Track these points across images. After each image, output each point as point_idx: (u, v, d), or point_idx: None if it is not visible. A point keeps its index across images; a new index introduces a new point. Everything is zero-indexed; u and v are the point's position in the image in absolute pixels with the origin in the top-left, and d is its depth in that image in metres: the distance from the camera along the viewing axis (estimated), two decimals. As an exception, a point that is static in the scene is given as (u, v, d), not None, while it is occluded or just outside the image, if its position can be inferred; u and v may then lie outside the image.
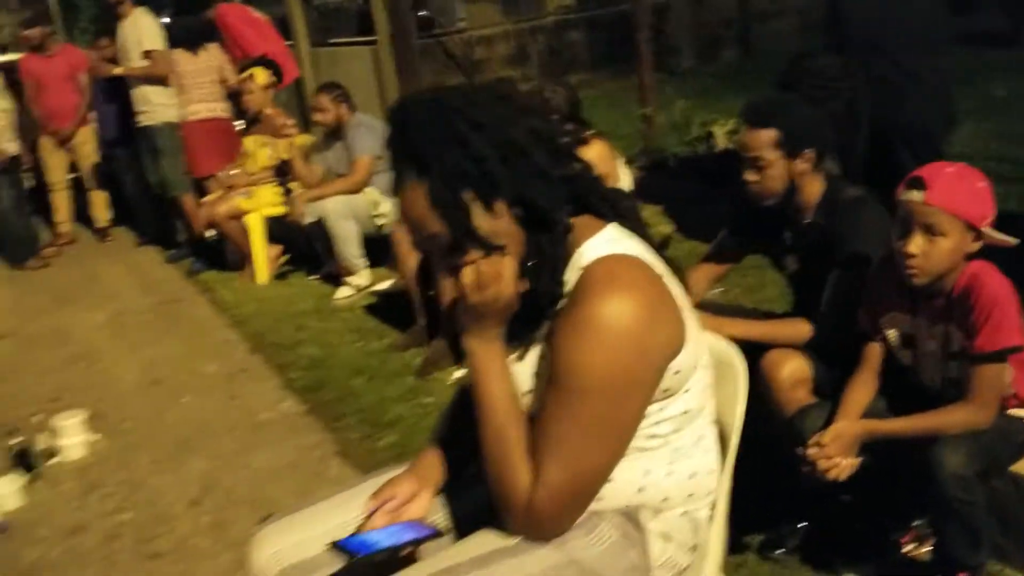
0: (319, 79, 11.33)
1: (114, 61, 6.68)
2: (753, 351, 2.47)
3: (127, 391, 4.52)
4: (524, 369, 1.52)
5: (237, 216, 5.91)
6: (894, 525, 2.42)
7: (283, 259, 6.10)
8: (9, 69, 7.72)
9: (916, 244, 2.08)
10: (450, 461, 1.73)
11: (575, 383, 1.42)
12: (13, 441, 3.60)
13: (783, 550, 2.51)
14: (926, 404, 2.18)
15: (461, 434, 1.70)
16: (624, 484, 1.53)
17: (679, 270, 1.58)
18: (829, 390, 2.38)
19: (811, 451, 2.14)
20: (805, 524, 2.52)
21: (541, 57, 10.46)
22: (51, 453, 3.77)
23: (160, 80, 6.35)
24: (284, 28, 11.79)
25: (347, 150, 5.47)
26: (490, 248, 1.43)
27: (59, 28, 15.08)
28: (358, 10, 10.95)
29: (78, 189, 8.07)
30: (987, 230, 2.07)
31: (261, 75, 5.58)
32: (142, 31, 6.30)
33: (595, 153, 3.75)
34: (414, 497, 1.67)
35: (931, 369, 2.24)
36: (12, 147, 7.18)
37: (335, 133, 5.54)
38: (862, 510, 2.45)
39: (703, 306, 2.73)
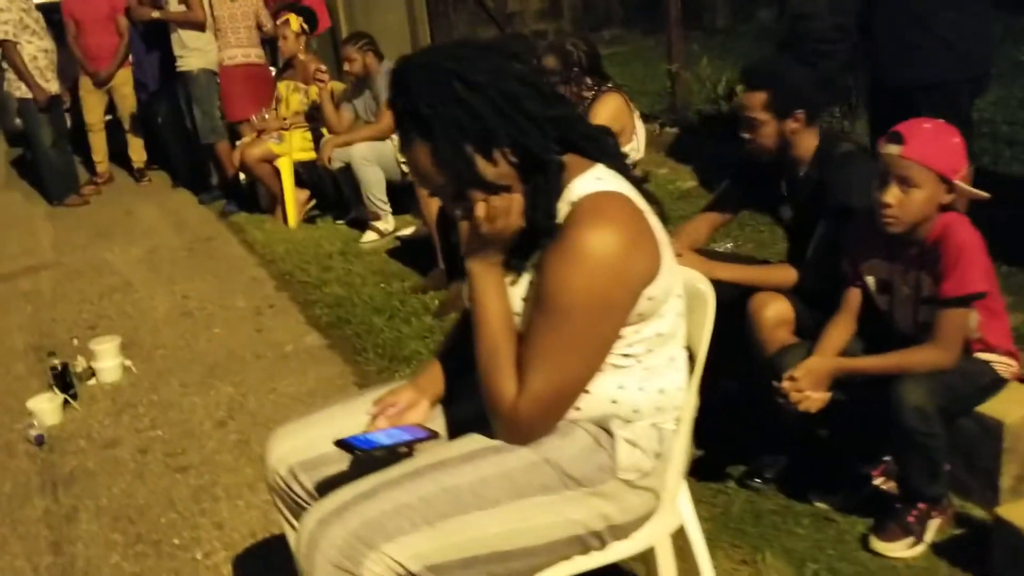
0: (353, 26, 11.45)
1: (157, 5, 6.87)
2: (743, 295, 2.67)
3: (160, 321, 4.76)
4: (516, 293, 1.70)
5: (269, 160, 6.11)
6: (865, 460, 2.58)
7: (312, 203, 6.30)
8: (51, 9, 7.92)
9: (892, 194, 2.23)
10: (448, 374, 1.92)
11: (559, 303, 1.59)
12: (53, 362, 3.83)
13: (761, 480, 2.69)
14: (900, 347, 2.33)
15: (460, 352, 1.88)
16: (599, 396, 1.71)
17: (658, 204, 1.74)
18: (811, 332, 2.54)
19: (784, 384, 2.30)
20: (783, 457, 2.70)
21: (574, 11, 10.49)
22: (88, 375, 4.02)
23: (197, 26, 6.52)
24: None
25: (375, 98, 5.63)
26: (496, 189, 1.60)
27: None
28: (394, -41, 10.98)
29: (116, 130, 8.31)
30: (959, 183, 2.21)
31: (294, 21, 5.74)
32: (178, -24, 6.47)
33: (611, 107, 3.89)
34: (414, 404, 1.86)
35: (905, 314, 2.39)
36: (52, 87, 7.41)
37: (364, 81, 5.68)
38: (837, 445, 2.61)
39: (703, 252, 2.90)
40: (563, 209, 1.63)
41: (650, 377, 1.73)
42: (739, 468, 2.76)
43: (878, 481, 2.57)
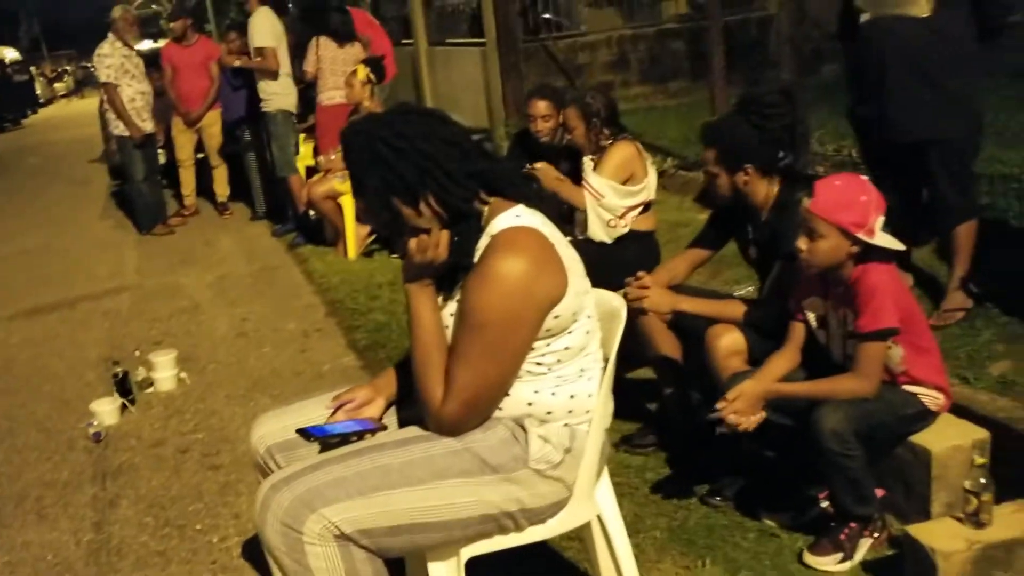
0: (434, 75, 12.10)
1: (245, 53, 7.49)
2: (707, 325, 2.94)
3: (218, 339, 5.22)
4: (447, 311, 2.03)
5: (333, 197, 6.58)
6: (813, 482, 2.79)
7: (371, 237, 6.74)
8: (151, 56, 8.65)
9: (802, 242, 2.50)
10: (401, 380, 2.25)
11: (476, 319, 1.92)
12: (115, 370, 4.30)
13: (720, 498, 2.93)
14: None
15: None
16: (517, 399, 2.01)
17: (572, 237, 2.06)
18: (762, 361, 2.78)
19: (719, 404, 2.55)
20: (741, 479, 2.93)
21: (641, 64, 10.82)
22: (147, 384, 4.48)
23: (270, 74, 7.09)
24: (406, 27, 12.59)
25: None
26: (418, 232, 1.95)
27: (211, 19, 16.37)
28: (472, 12, 11.55)
29: (204, 166, 8.97)
30: (864, 236, 2.45)
31: (361, 71, 6.21)
32: (254, 29, 7.07)
33: (623, 153, 4.17)
34: (369, 402, 2.19)
35: (837, 346, 2.62)
36: (148, 125, 8.07)
37: None
38: (787, 469, 2.84)
39: (681, 288, 3.19)
40: (484, 241, 1.96)
41: (562, 384, 2.03)
42: (703, 488, 3.00)
43: (824, 504, 2.78)
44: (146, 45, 13.51)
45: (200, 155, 8.95)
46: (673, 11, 12.05)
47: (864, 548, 2.57)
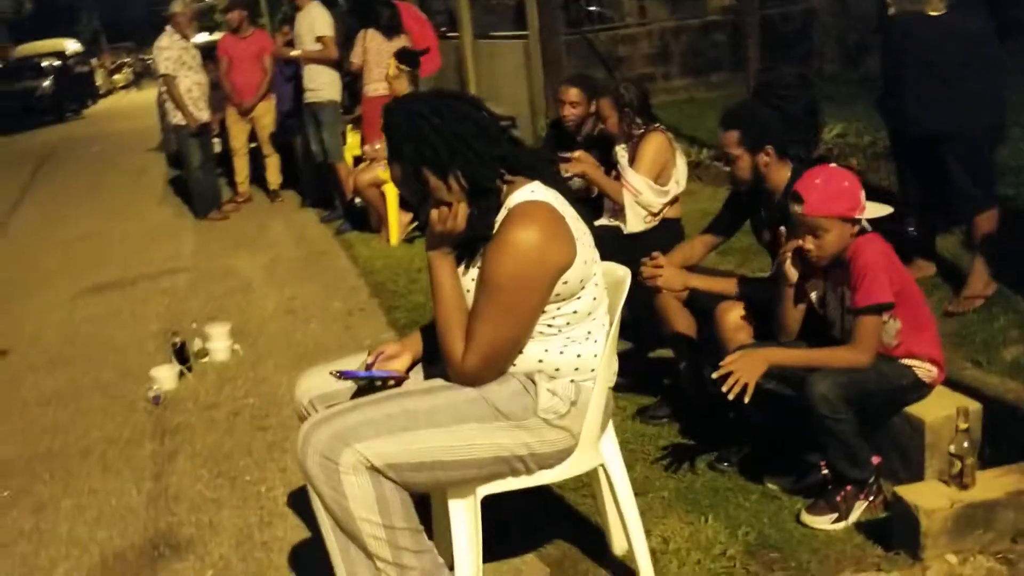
0: (478, 68, 12.33)
1: (291, 45, 7.81)
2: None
3: (268, 316, 5.54)
4: (468, 278, 2.27)
5: (377, 185, 6.86)
6: (813, 449, 2.97)
7: (413, 224, 7.01)
8: (207, 48, 9.01)
9: (809, 243, 2.69)
10: (427, 340, 2.49)
11: (492, 282, 2.16)
12: (174, 340, 4.62)
13: (726, 464, 3.13)
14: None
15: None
16: (529, 356, 2.25)
17: (584, 215, 2.29)
18: (768, 335, 2.98)
19: (723, 362, 2.73)
20: (748, 446, 3.14)
21: (683, 57, 10.96)
22: (203, 353, 4.80)
23: (332, 63, 7.39)
24: (452, 21, 12.85)
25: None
26: (442, 203, 2.19)
27: (265, 13, 16.79)
28: (516, 5, 11.78)
29: (257, 155, 9.32)
30: (860, 215, 2.64)
31: (391, 66, 6.49)
32: (314, 20, 7.38)
33: (654, 144, 4.35)
34: (398, 355, 2.45)
35: (837, 323, 2.82)
36: (204, 115, 8.43)
37: None
38: (791, 437, 3.03)
39: (696, 268, 3.40)
40: (502, 214, 2.20)
41: (569, 345, 2.26)
42: (711, 455, 3.21)
43: (825, 470, 2.96)
44: (201, 38, 13.90)
45: (253, 144, 9.30)
46: (717, 3, 12.17)
47: (859, 510, 2.76)
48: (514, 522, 2.89)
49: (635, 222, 4.30)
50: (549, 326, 2.24)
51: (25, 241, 8.87)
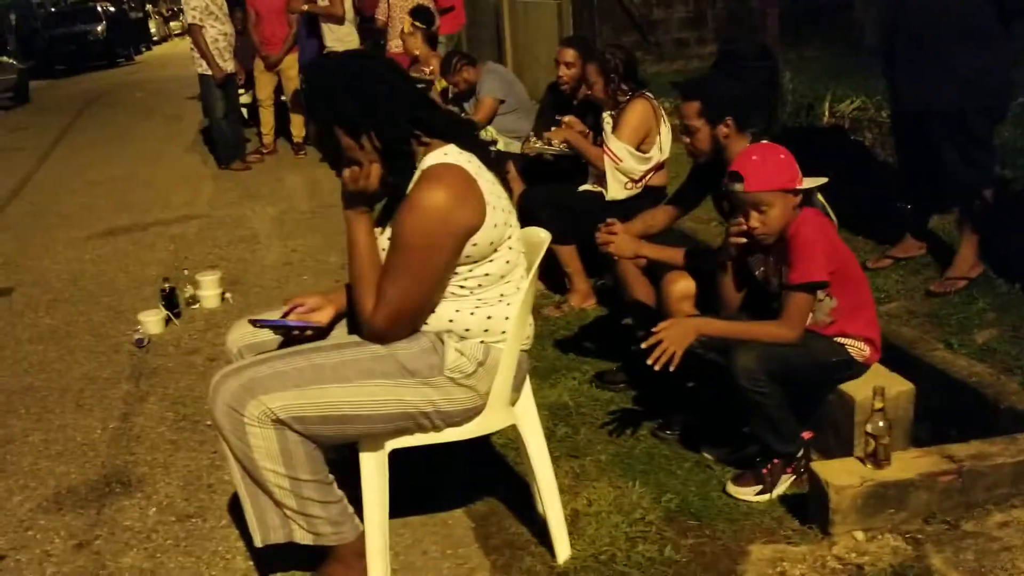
0: (514, 27, 12.26)
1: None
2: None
3: (266, 266, 5.64)
4: (384, 238, 2.31)
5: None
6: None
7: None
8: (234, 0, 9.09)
9: (755, 219, 2.67)
10: (350, 296, 2.53)
11: (401, 241, 2.20)
12: (164, 285, 4.74)
13: (668, 432, 3.16)
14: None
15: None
16: (440, 316, 2.29)
17: (502, 177, 2.31)
18: (711, 306, 2.99)
19: (650, 339, 2.74)
20: (690, 416, 3.16)
21: (719, 21, 10.76)
22: (193, 300, 4.92)
23: (336, 19, 7.41)
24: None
25: (477, 97, 6.25)
26: (353, 162, 2.22)
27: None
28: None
29: (282, 108, 9.40)
30: (800, 186, 2.62)
31: (406, 23, 6.48)
32: (321, -25, 7.41)
33: (637, 110, 4.33)
34: (319, 308, 2.49)
35: (777, 299, 2.80)
36: (229, 66, 8.51)
37: (471, 90, 6.24)
38: (730, 409, 3.04)
39: (654, 237, 3.40)
40: (416, 176, 2.23)
41: (481, 306, 2.29)
42: (657, 422, 3.23)
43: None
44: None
45: (281, 97, 9.38)
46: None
47: (785, 484, 2.77)
48: (446, 480, 2.96)
49: (616, 189, 4.29)
50: (461, 287, 2.27)
51: (54, 182, 9.08)
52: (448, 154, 2.24)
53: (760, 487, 2.76)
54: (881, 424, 2.47)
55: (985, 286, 3.77)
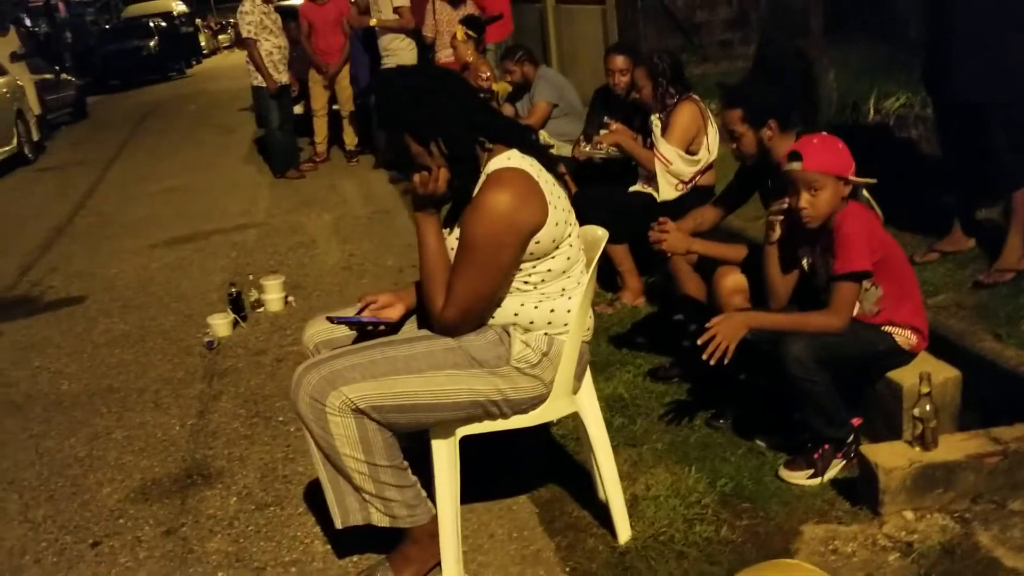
0: (559, 33, 12.42)
1: (368, 12, 8.06)
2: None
3: (326, 270, 5.85)
4: (452, 238, 2.47)
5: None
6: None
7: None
8: (287, 12, 9.35)
9: (805, 199, 2.78)
10: (419, 294, 2.69)
11: (469, 242, 2.35)
12: (231, 290, 4.96)
13: (721, 421, 3.28)
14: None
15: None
16: (506, 310, 2.44)
17: (560, 178, 2.46)
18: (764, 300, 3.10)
19: (704, 336, 2.86)
20: (742, 406, 3.27)
21: (763, 22, 10.79)
22: (258, 304, 5.13)
23: (409, 32, 7.62)
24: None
25: (531, 99, 6.42)
26: (422, 168, 2.38)
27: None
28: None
29: (336, 118, 9.64)
30: (853, 178, 2.73)
31: (459, 32, 6.66)
32: (392, -10, 7.62)
33: (685, 113, 4.44)
34: (390, 305, 2.66)
35: (824, 290, 2.91)
36: (283, 77, 8.77)
37: (524, 87, 6.44)
38: (783, 398, 3.15)
39: (704, 234, 3.52)
40: (481, 180, 2.39)
41: (544, 300, 2.44)
42: (710, 412, 3.35)
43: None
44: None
45: (334, 107, 9.62)
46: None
47: (836, 468, 2.87)
48: (510, 469, 3.10)
49: (667, 190, 4.42)
50: (525, 283, 2.42)
51: (116, 194, 9.42)
52: (511, 158, 2.39)
53: (811, 471, 2.86)
54: (928, 408, 2.57)
55: (1035, 278, 3.82)
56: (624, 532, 2.67)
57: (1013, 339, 3.39)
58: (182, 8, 32.76)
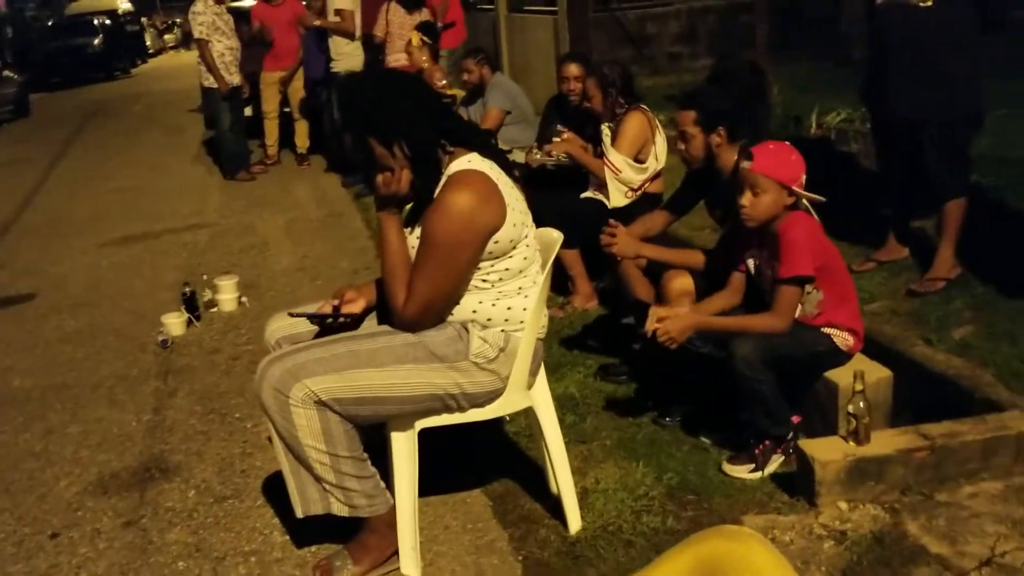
0: (511, 41, 12.55)
1: (322, 13, 8.10)
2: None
3: (279, 272, 5.89)
4: (413, 237, 2.56)
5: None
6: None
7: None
8: (239, 13, 9.34)
9: (747, 199, 2.93)
10: (380, 290, 2.77)
11: (429, 240, 2.45)
12: (185, 289, 4.98)
13: (668, 419, 3.41)
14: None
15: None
16: (464, 307, 2.54)
17: (518, 181, 2.57)
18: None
19: (650, 322, 2.98)
20: (690, 404, 3.41)
21: (710, 37, 11.07)
22: (212, 304, 5.15)
23: (347, 35, 7.67)
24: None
25: (484, 105, 6.53)
26: (385, 168, 2.48)
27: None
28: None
29: (287, 120, 9.64)
30: (797, 189, 2.89)
31: (415, 37, 6.75)
32: (337, -9, 7.67)
33: (633, 126, 4.58)
34: (353, 300, 2.74)
35: (769, 292, 3.06)
36: (235, 79, 8.76)
37: (478, 91, 6.56)
38: (728, 397, 3.29)
39: (655, 239, 3.66)
40: (442, 181, 2.49)
41: (501, 298, 2.54)
42: (658, 411, 3.48)
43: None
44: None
45: (285, 109, 9.61)
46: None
47: (776, 463, 3.02)
48: (464, 465, 3.20)
49: (617, 197, 4.56)
50: (484, 281, 2.52)
51: (63, 193, 9.31)
52: (472, 161, 2.50)
53: (753, 466, 3.00)
54: (862, 405, 2.73)
55: (963, 286, 4.01)
56: (575, 523, 2.78)
57: (943, 344, 3.58)
58: (127, 6, 32.30)
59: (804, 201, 3.03)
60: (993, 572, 2.37)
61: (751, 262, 3.14)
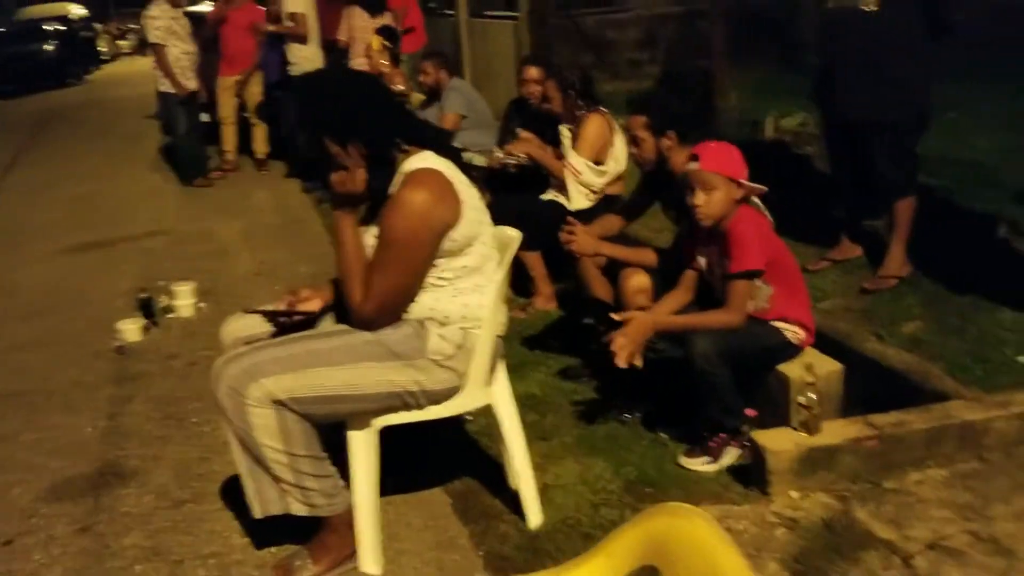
0: (473, 46, 12.57)
1: (276, 19, 8.08)
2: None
3: (237, 277, 5.85)
4: (370, 235, 2.57)
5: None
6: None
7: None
8: (196, 18, 9.27)
9: (699, 198, 2.99)
10: (337, 289, 2.79)
11: (386, 237, 2.46)
12: (141, 295, 4.94)
13: (628, 416, 3.45)
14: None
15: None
16: (422, 304, 2.56)
17: (475, 180, 2.59)
18: (664, 300, 3.28)
19: (613, 342, 3.02)
20: (649, 401, 3.45)
21: (670, 43, 11.17)
22: (169, 310, 5.11)
23: (301, 38, 7.66)
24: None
25: (441, 108, 6.55)
26: (341, 167, 2.49)
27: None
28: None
29: (245, 125, 9.57)
30: (744, 182, 2.95)
31: (375, 42, 6.75)
32: (292, -5, 7.66)
33: (593, 128, 4.63)
34: (310, 299, 2.75)
35: (720, 289, 3.12)
36: (191, 84, 8.68)
37: (435, 94, 6.58)
38: (686, 394, 3.34)
39: (608, 238, 3.70)
40: (398, 179, 2.50)
41: (458, 295, 2.57)
42: (618, 408, 3.51)
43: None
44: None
45: (244, 114, 9.54)
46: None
47: (731, 456, 3.07)
48: (425, 465, 3.21)
49: (578, 199, 4.60)
50: (440, 278, 2.54)
51: (17, 200, 9.16)
52: (427, 159, 2.52)
53: (708, 458, 3.05)
54: (812, 396, 2.78)
55: (913, 284, 4.12)
56: (535, 517, 2.80)
57: (894, 339, 3.67)
58: (81, 12, 31.84)
59: (754, 198, 3.09)
60: (938, 555, 2.44)
61: (702, 260, 3.19)
